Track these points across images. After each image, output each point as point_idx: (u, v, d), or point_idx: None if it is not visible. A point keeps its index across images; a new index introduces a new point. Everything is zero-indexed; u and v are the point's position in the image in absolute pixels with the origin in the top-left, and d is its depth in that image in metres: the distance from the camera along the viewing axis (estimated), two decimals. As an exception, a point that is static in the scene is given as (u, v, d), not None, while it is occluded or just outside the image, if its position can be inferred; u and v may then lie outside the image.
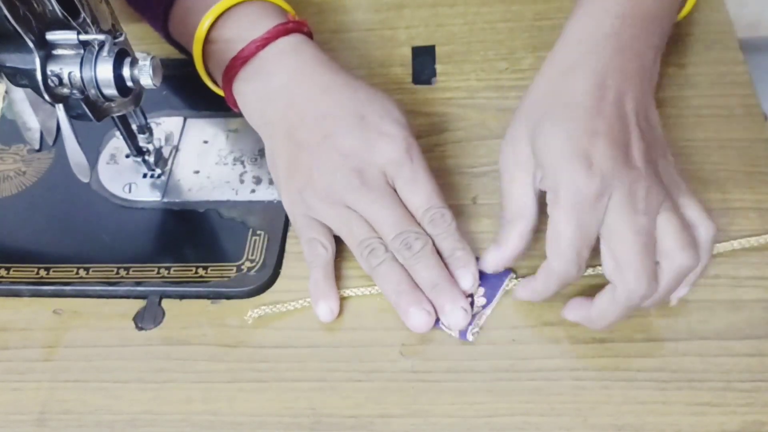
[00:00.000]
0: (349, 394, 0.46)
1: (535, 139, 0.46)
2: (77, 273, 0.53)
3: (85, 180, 0.51)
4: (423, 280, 0.47)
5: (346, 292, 0.50)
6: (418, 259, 0.47)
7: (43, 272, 0.53)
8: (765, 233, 0.50)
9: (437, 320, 0.47)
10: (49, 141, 0.59)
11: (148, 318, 0.51)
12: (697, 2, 0.60)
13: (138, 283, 0.52)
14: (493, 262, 0.48)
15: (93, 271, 0.52)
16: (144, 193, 0.56)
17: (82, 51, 0.46)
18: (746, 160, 0.54)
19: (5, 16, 0.43)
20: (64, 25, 0.46)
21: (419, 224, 0.48)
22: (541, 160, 0.46)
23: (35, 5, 0.45)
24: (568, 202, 0.43)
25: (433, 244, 0.48)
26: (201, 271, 0.52)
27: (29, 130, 0.59)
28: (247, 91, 0.54)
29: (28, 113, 0.57)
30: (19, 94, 0.55)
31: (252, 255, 0.52)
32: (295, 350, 0.48)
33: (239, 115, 0.59)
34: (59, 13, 0.45)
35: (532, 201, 0.47)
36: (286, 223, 0.54)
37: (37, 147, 0.59)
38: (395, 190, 0.49)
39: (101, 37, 0.46)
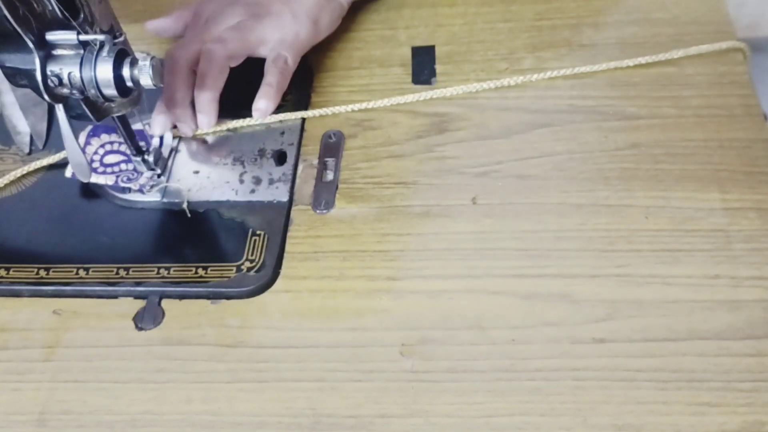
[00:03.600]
0: (348, 394, 0.46)
1: None
2: (77, 273, 0.53)
3: (85, 180, 0.51)
4: None
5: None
6: None
7: (42, 272, 0.53)
8: (765, 234, 0.50)
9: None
10: (39, 144, 0.59)
11: (147, 318, 0.51)
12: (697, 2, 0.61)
13: (138, 284, 0.52)
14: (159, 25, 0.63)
15: (93, 271, 0.52)
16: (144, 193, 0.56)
17: (81, 51, 0.46)
18: (746, 160, 0.54)
19: (5, 16, 0.43)
20: (64, 25, 0.46)
21: None
22: None
23: (35, 5, 0.45)
24: None
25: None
26: (201, 272, 0.52)
27: (19, 134, 0.59)
28: None
29: (18, 117, 0.57)
30: (9, 98, 0.55)
31: (252, 255, 0.52)
32: (294, 350, 0.48)
33: (239, 115, 0.59)
34: (59, 13, 0.45)
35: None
36: (286, 223, 0.54)
37: (27, 151, 0.59)
38: None
39: (101, 37, 0.46)
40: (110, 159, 0.57)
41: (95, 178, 0.56)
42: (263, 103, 0.58)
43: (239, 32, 0.58)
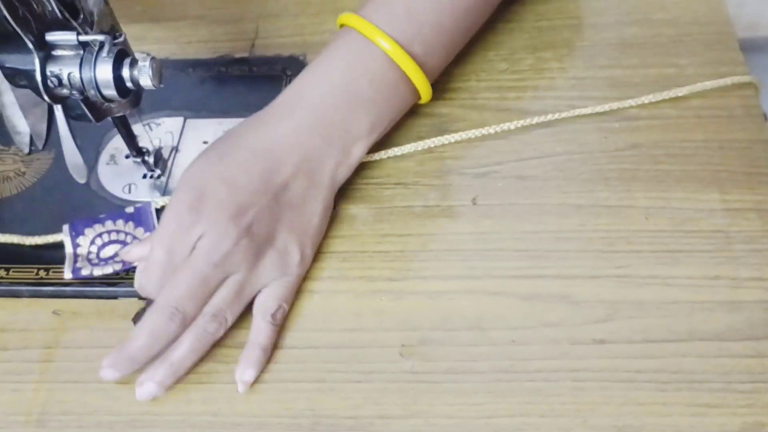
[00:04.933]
0: (348, 395, 0.46)
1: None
2: (77, 274, 0.53)
3: (82, 181, 0.51)
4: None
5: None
6: None
7: (42, 273, 0.53)
8: (765, 235, 0.50)
9: None
10: (39, 145, 0.59)
11: (147, 319, 0.51)
12: (697, 6, 0.61)
13: (138, 284, 0.52)
14: (136, 254, 0.51)
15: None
16: (144, 193, 0.56)
17: (81, 52, 0.46)
18: (746, 161, 0.54)
19: (5, 17, 0.43)
20: (64, 26, 0.46)
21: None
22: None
23: (35, 6, 0.45)
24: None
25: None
26: (201, 272, 0.52)
27: (18, 134, 0.58)
28: None
29: (18, 116, 0.56)
30: (9, 98, 0.55)
31: None
32: (294, 351, 0.48)
33: (239, 115, 0.59)
34: (59, 14, 0.45)
35: None
36: (286, 223, 0.54)
37: (26, 151, 0.59)
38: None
39: (101, 37, 0.46)
40: (108, 251, 0.53)
41: (98, 271, 0.52)
42: (251, 374, 0.47)
43: (239, 299, 0.49)
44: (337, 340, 0.48)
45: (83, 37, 0.46)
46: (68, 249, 0.53)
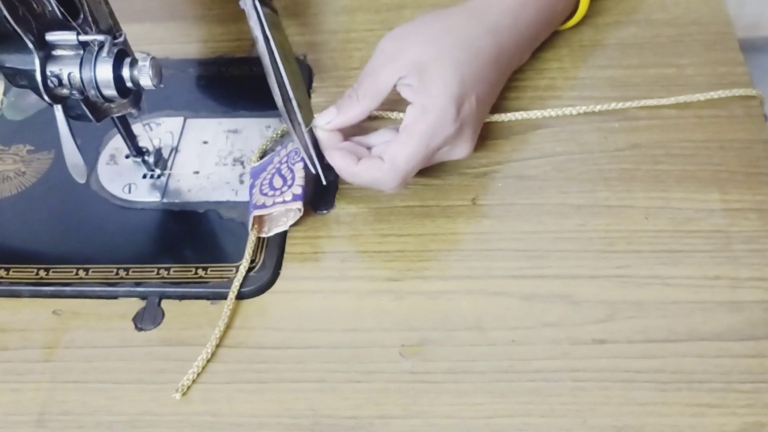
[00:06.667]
0: (348, 395, 0.46)
1: (433, 60, 0.51)
2: (77, 273, 0.52)
3: (81, 181, 0.51)
4: None
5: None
6: None
7: (42, 273, 0.53)
8: (765, 235, 0.50)
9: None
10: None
11: (147, 319, 0.51)
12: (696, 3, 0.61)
13: (137, 284, 0.52)
14: (324, 120, 0.52)
15: (93, 271, 0.52)
16: (143, 193, 0.56)
17: (81, 51, 0.46)
18: (746, 161, 0.54)
19: (5, 17, 0.43)
20: (64, 26, 0.46)
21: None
22: (426, 79, 0.51)
23: (35, 6, 0.45)
24: (430, 124, 0.50)
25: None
26: (200, 272, 0.52)
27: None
28: None
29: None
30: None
31: (251, 256, 0.52)
32: (294, 351, 0.48)
33: (239, 115, 0.59)
34: (59, 14, 0.45)
35: (387, 91, 0.52)
36: (286, 223, 0.54)
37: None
38: None
39: (101, 37, 0.46)
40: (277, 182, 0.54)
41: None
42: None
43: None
44: (337, 340, 0.48)
45: (83, 37, 0.46)
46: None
